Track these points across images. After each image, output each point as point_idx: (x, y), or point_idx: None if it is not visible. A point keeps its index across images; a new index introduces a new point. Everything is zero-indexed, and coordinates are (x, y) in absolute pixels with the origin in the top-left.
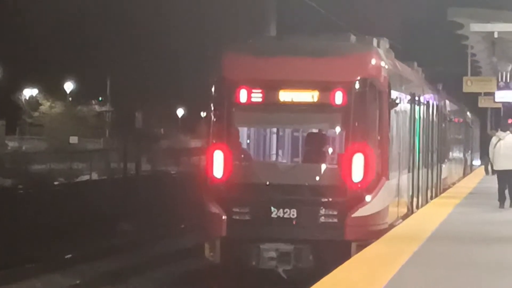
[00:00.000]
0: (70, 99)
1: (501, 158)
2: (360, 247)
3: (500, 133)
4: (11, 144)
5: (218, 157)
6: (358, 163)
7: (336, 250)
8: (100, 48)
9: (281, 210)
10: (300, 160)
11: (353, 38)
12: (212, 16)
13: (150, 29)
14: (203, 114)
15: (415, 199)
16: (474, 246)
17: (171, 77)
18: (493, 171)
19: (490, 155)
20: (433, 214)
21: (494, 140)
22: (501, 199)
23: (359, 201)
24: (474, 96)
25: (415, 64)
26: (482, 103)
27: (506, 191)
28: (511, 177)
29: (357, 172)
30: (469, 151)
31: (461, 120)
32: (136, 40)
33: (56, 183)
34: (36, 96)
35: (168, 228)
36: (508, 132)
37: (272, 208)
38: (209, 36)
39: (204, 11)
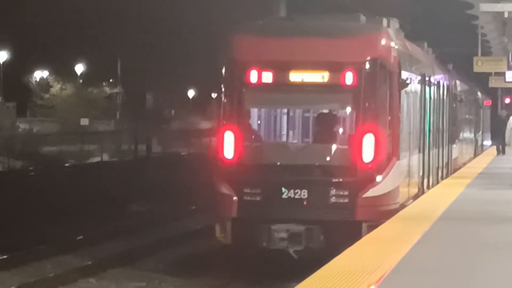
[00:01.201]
0: (81, 81)
1: None
2: (371, 227)
3: None
4: (22, 126)
5: (229, 138)
6: (368, 143)
7: (347, 231)
8: (110, 29)
9: (291, 190)
10: (310, 140)
11: (363, 18)
12: None
13: (160, 9)
14: (214, 95)
15: (425, 179)
16: (484, 226)
17: (181, 58)
18: (504, 150)
19: (507, 135)
20: (444, 194)
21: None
22: None
23: (370, 182)
24: (485, 76)
25: (425, 44)
26: (493, 83)
27: None
28: None
29: (368, 153)
30: (480, 132)
31: (472, 100)
32: (146, 21)
33: (67, 164)
34: (46, 78)
35: (179, 209)
36: None
37: (283, 188)
38: (219, 17)
39: None
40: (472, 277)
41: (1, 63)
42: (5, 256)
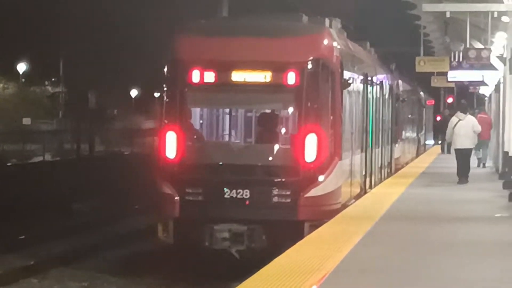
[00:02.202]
0: (23, 80)
1: (461, 137)
2: (313, 227)
3: (459, 114)
4: None
5: (171, 138)
6: (311, 143)
7: (289, 230)
8: (52, 28)
9: (234, 190)
10: (253, 140)
11: (305, 18)
12: None
13: (103, 8)
14: (156, 95)
15: (368, 179)
16: (426, 225)
17: (124, 57)
18: (448, 149)
19: (448, 134)
20: (386, 194)
21: (454, 120)
22: (459, 175)
23: (312, 181)
24: (427, 75)
25: (368, 44)
26: (435, 82)
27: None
28: (468, 155)
29: (310, 152)
30: (422, 131)
31: (414, 99)
32: (89, 20)
33: (9, 164)
34: None
35: (122, 208)
36: (467, 113)
37: (225, 188)
38: (163, 16)
39: None
40: (415, 276)
41: None
42: None
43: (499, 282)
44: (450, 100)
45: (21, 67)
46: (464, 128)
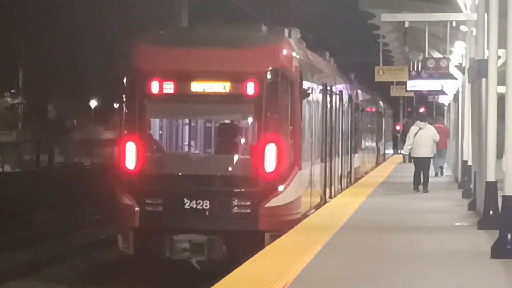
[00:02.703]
0: None
1: (421, 146)
2: (274, 237)
3: (419, 123)
4: None
5: (130, 149)
6: (270, 153)
7: (249, 241)
8: (11, 39)
9: (194, 201)
10: (212, 151)
11: (264, 28)
12: (124, 6)
13: (60, 19)
14: (116, 105)
15: (328, 189)
16: (386, 235)
17: (83, 68)
18: (410, 158)
19: (409, 143)
20: (346, 204)
21: (414, 129)
22: (416, 183)
23: (272, 191)
24: (387, 85)
25: (327, 54)
26: (394, 92)
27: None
28: (427, 164)
29: (270, 163)
30: (382, 140)
31: (374, 109)
32: (48, 31)
33: None
34: None
35: (81, 219)
36: (426, 122)
37: (185, 199)
38: (121, 27)
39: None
40: (374, 286)
41: None
42: None
43: None
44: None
45: None
46: (424, 137)
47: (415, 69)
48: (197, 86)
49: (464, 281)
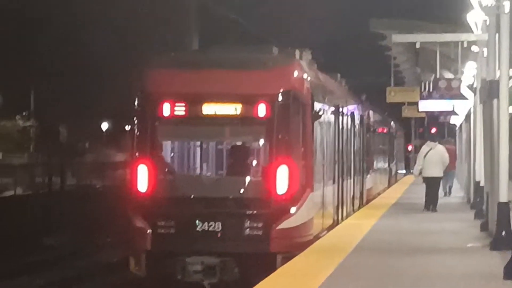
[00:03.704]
0: None
1: (432, 166)
2: (285, 259)
3: (429, 143)
4: None
5: (142, 171)
6: (282, 175)
7: (261, 263)
8: (23, 62)
9: (206, 223)
10: (224, 173)
11: (275, 50)
12: (136, 29)
13: (73, 42)
14: (127, 127)
15: (340, 210)
16: (398, 257)
17: (95, 90)
18: (422, 178)
19: (419, 163)
20: (358, 225)
21: (424, 149)
22: (427, 203)
23: (284, 213)
24: (398, 106)
25: (338, 75)
26: (406, 113)
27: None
28: (438, 183)
29: (282, 184)
30: (394, 161)
31: (385, 130)
32: (60, 53)
33: None
34: None
35: (93, 242)
36: (437, 142)
37: (197, 221)
38: (133, 50)
39: (128, 25)
40: None
41: None
42: None
43: None
44: (433, 130)
45: None
46: (435, 157)
47: (427, 89)
48: (208, 108)
49: None
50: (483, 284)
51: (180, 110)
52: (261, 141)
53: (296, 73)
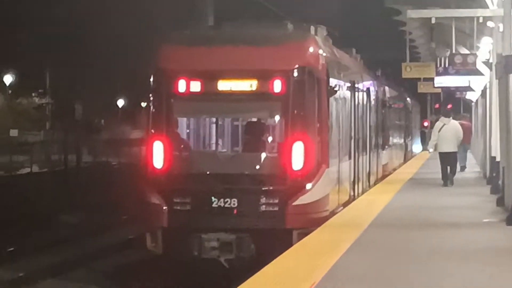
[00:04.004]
0: (10, 91)
1: (446, 141)
2: (302, 235)
3: (443, 119)
4: None
5: (158, 148)
6: (298, 151)
7: (277, 239)
8: (38, 39)
9: (221, 199)
10: (240, 149)
11: (290, 26)
12: (150, 5)
13: (88, 18)
14: (143, 104)
15: (355, 186)
16: (413, 232)
17: (110, 67)
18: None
19: (434, 139)
20: (374, 201)
21: (438, 124)
22: (444, 178)
23: (300, 189)
24: (414, 81)
25: (354, 50)
26: (422, 88)
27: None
28: (453, 158)
29: (297, 160)
30: (410, 137)
31: (401, 105)
32: (75, 31)
33: None
34: None
35: (110, 219)
36: (450, 118)
37: (212, 198)
38: (147, 26)
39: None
40: (403, 284)
41: None
42: None
43: None
44: (449, 106)
45: (8, 79)
46: (449, 132)
47: (442, 65)
48: (223, 85)
49: (492, 277)
50: (499, 258)
51: (196, 86)
52: (277, 117)
53: (311, 49)
